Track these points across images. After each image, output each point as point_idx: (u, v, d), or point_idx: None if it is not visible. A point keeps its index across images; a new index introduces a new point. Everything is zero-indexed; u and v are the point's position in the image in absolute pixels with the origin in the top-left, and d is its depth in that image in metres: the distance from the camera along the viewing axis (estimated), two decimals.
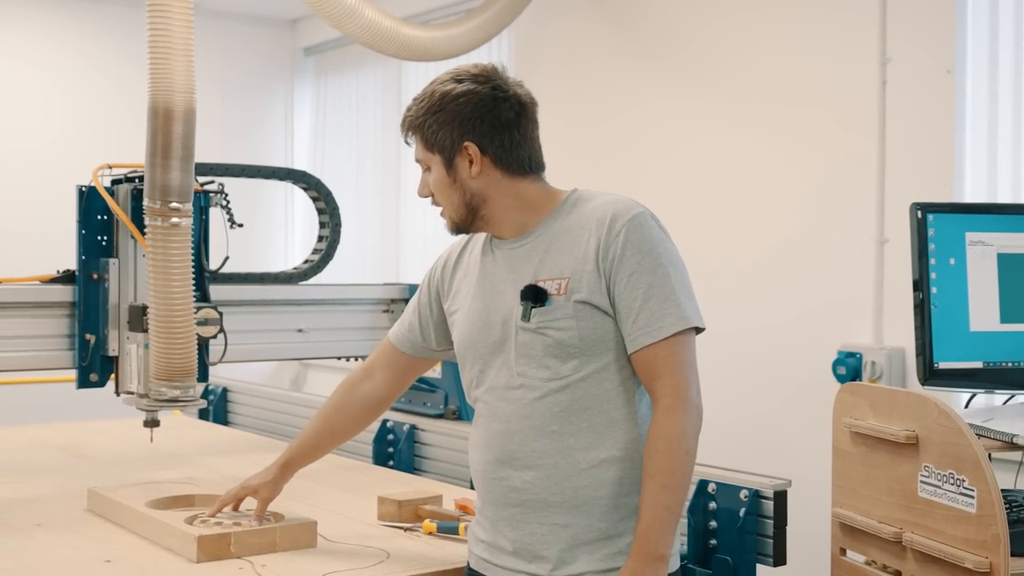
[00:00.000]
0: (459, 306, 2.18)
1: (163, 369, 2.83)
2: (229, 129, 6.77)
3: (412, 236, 6.36)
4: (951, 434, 2.08)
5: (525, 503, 2.02)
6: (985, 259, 2.40)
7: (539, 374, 2.00)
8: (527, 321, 2.00)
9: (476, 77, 2.06)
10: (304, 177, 3.66)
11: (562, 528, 1.99)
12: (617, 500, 2.00)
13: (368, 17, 3.83)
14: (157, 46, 2.70)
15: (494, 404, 2.07)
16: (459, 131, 2.04)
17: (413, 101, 2.10)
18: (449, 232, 2.16)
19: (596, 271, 1.98)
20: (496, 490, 2.06)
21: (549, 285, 2.00)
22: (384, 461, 3.64)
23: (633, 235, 1.97)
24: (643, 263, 1.97)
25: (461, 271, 2.21)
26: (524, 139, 2.08)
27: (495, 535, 2.07)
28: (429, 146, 2.08)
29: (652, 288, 1.96)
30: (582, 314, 1.98)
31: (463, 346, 2.14)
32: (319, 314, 3.66)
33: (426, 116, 2.06)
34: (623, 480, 2.00)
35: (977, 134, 3.58)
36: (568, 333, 1.98)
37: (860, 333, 3.80)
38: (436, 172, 2.09)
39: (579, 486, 1.99)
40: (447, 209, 2.11)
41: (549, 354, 1.99)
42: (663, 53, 4.59)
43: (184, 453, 3.58)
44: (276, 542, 2.35)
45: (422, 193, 2.15)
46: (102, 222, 3.14)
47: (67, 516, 2.69)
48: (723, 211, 4.24)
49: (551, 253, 2.03)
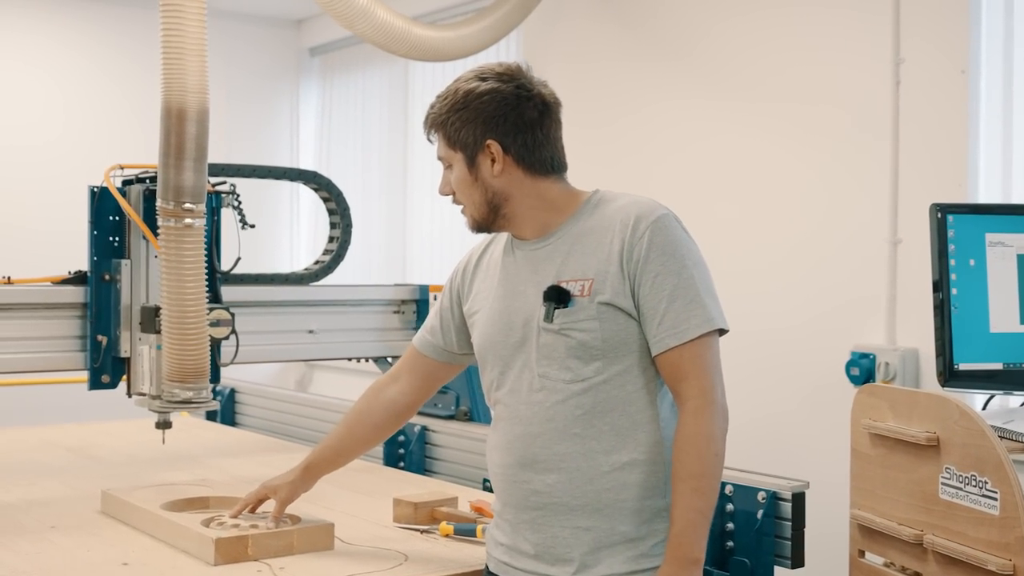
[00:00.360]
0: (479, 307, 2.17)
1: (176, 370, 2.83)
2: (234, 130, 6.75)
3: (419, 237, 6.35)
4: (973, 436, 2.06)
5: (547, 506, 2.01)
6: (1005, 260, 2.39)
7: (561, 376, 1.99)
8: (550, 322, 1.99)
9: (500, 76, 2.05)
10: (315, 178, 3.65)
11: (584, 531, 1.98)
12: (640, 503, 1.99)
13: (379, 17, 3.82)
14: (171, 46, 2.69)
15: (515, 407, 2.05)
16: (482, 129, 2.03)
17: (437, 98, 2.10)
18: (470, 230, 2.15)
19: (620, 273, 1.97)
20: (517, 493, 2.04)
21: (572, 286, 1.99)
22: (395, 462, 3.63)
23: (658, 236, 1.97)
24: (668, 264, 1.96)
25: (481, 273, 2.20)
26: (547, 139, 2.07)
27: (515, 538, 2.06)
28: (451, 144, 2.07)
29: (677, 290, 1.95)
30: (605, 316, 1.97)
31: (483, 347, 2.13)
32: (330, 315, 3.65)
33: (449, 114, 2.05)
34: (646, 483, 1.99)
35: (991, 135, 3.56)
36: (591, 335, 1.97)
37: (873, 334, 3.79)
38: (458, 170, 2.08)
39: (601, 489, 1.98)
40: (468, 207, 2.10)
41: (572, 355, 1.98)
42: (674, 53, 4.58)
43: (194, 454, 3.58)
44: (294, 544, 2.34)
45: (443, 191, 2.14)
46: (114, 223, 3.12)
47: (81, 518, 2.68)
48: (734, 211, 4.23)
49: (574, 254, 2.02)
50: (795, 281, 4.07)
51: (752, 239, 4.17)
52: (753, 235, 4.17)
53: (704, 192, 4.34)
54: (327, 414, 4.06)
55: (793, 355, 4.00)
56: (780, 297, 4.09)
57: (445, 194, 2.14)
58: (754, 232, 4.18)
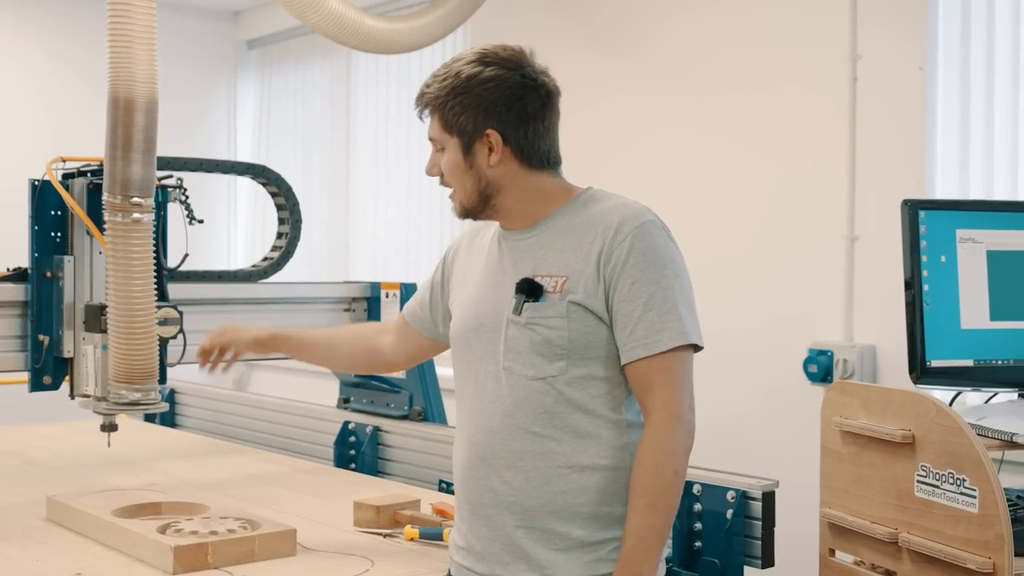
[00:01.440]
0: (459, 293, 2.12)
1: (123, 371, 2.72)
2: (169, 125, 6.45)
3: (362, 234, 6.26)
4: (950, 433, 2.05)
5: (502, 504, 1.95)
6: (975, 256, 2.39)
7: (524, 371, 1.94)
8: (518, 315, 1.94)
9: (505, 61, 1.98)
10: (264, 172, 3.56)
11: (540, 533, 1.93)
12: (599, 509, 1.93)
13: (331, 7, 3.73)
14: (118, 34, 2.60)
15: (479, 399, 2.00)
16: (483, 117, 1.96)
17: (433, 78, 2.01)
18: (456, 216, 2.07)
19: (596, 275, 1.92)
20: (475, 490, 1.99)
21: (546, 281, 1.94)
22: (346, 464, 3.56)
23: (639, 243, 1.92)
24: (646, 272, 1.91)
25: (465, 257, 2.15)
26: (547, 131, 2.02)
27: (470, 538, 2.00)
28: (448, 128, 1.99)
29: (653, 299, 1.90)
30: (574, 315, 1.92)
31: (456, 334, 2.08)
32: (279, 313, 3.57)
33: (448, 96, 1.97)
34: (605, 489, 1.94)
35: (949, 131, 3.58)
36: (557, 332, 1.92)
37: (831, 331, 3.78)
38: (451, 155, 2.00)
39: (559, 491, 1.92)
40: (458, 193, 2.03)
41: (535, 351, 1.93)
42: (625, 47, 4.55)
43: (139, 458, 3.47)
44: (255, 551, 2.27)
45: (431, 172, 2.06)
46: (56, 218, 3.01)
47: (26, 526, 2.57)
48: (687, 208, 4.20)
49: (554, 249, 1.97)
50: (751, 278, 4.06)
51: (705, 235, 4.15)
52: (706, 231, 4.15)
53: (654, 187, 4.31)
54: (269, 414, 3.98)
55: (750, 353, 3.99)
56: (735, 294, 4.08)
57: (432, 176, 2.06)
58: (707, 228, 4.16)
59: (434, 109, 2.00)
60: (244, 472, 3.29)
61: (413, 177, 5.83)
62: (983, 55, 3.53)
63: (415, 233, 5.85)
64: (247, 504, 2.74)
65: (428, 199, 5.74)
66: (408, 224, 5.90)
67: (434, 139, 2.03)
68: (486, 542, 1.97)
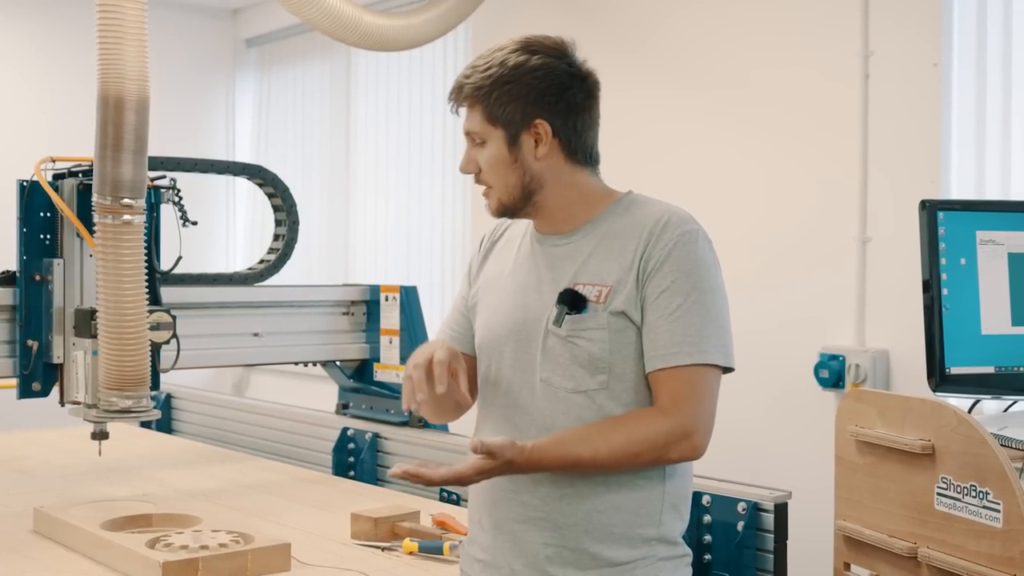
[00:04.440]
0: (485, 295, 2.01)
1: (114, 378, 2.66)
2: (167, 124, 6.45)
3: (363, 236, 6.18)
4: (972, 444, 1.97)
5: (532, 520, 1.86)
6: (996, 259, 2.30)
7: (564, 384, 1.85)
8: (558, 327, 1.85)
9: (550, 50, 1.89)
10: (260, 172, 3.49)
11: (570, 552, 1.84)
12: (630, 530, 1.86)
13: (329, 4, 3.65)
14: (108, 30, 2.54)
15: (511, 410, 1.90)
16: (532, 107, 1.87)
17: (472, 69, 1.91)
18: (492, 214, 1.96)
19: (636, 282, 1.85)
20: (501, 503, 1.89)
21: (589, 291, 1.85)
22: (345, 471, 3.48)
23: (678, 250, 1.85)
24: (679, 282, 1.83)
25: (493, 258, 2.04)
26: (593, 123, 1.95)
27: (496, 554, 1.91)
28: (492, 119, 1.88)
29: (680, 311, 1.82)
30: (616, 327, 1.83)
31: (485, 340, 1.97)
32: (276, 317, 3.50)
33: (494, 86, 1.87)
34: (640, 510, 1.86)
35: (965, 129, 3.49)
36: (599, 345, 1.83)
37: (842, 335, 3.70)
38: (494, 148, 1.89)
39: (594, 510, 1.84)
40: (498, 189, 1.91)
41: (577, 364, 1.84)
42: (628, 43, 4.47)
43: (132, 466, 3.40)
44: (248, 567, 2.18)
45: (467, 169, 1.93)
46: (45, 220, 2.95)
47: (12, 539, 2.50)
48: (695, 207, 4.03)
49: (596, 256, 1.89)
50: (760, 280, 3.97)
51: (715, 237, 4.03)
52: (716, 233, 4.00)
53: (659, 185, 4.18)
54: (268, 420, 3.91)
55: (760, 357, 3.89)
56: (745, 297, 3.98)
57: (468, 172, 1.94)
58: (715, 229, 4.02)
59: (476, 100, 1.89)
60: (240, 481, 3.21)
61: (414, 177, 5.75)
62: (999, 50, 3.44)
63: (416, 234, 5.77)
64: (242, 515, 2.66)
65: (429, 199, 5.66)
66: (409, 225, 5.82)
67: (474, 132, 1.91)
68: (510, 558, 1.89)
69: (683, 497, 1.94)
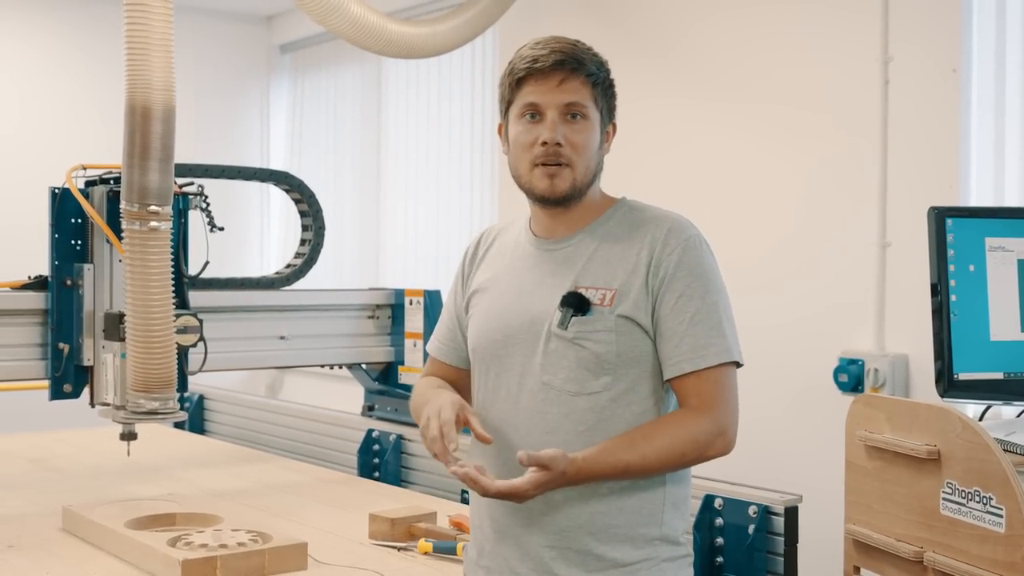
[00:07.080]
0: (480, 300, 2.03)
1: (141, 380, 2.71)
2: (202, 129, 6.61)
3: (393, 240, 6.22)
4: (976, 450, 1.98)
5: (535, 523, 1.89)
6: (1005, 265, 2.30)
7: (567, 387, 1.88)
8: (564, 329, 1.88)
9: None
10: (286, 178, 3.54)
11: (575, 554, 1.88)
12: (634, 531, 1.89)
13: (353, 13, 3.70)
14: (135, 41, 2.58)
15: (511, 414, 1.93)
16: (614, 109, 2.02)
17: (581, 51, 1.94)
18: (558, 193, 1.92)
19: (644, 287, 1.88)
20: (503, 507, 1.92)
21: (593, 294, 1.89)
22: (369, 473, 3.53)
23: (688, 256, 1.89)
24: (694, 287, 1.88)
25: (485, 265, 2.07)
26: None
27: (498, 558, 1.94)
28: (597, 104, 1.95)
29: (699, 314, 1.87)
30: (623, 329, 1.87)
31: (481, 344, 1.99)
32: (302, 320, 3.55)
33: (607, 78, 1.98)
34: (642, 510, 1.89)
35: (984, 135, 3.48)
36: (606, 347, 1.87)
37: (862, 339, 3.70)
38: (592, 131, 1.93)
39: (597, 512, 1.87)
40: (578, 169, 1.92)
41: (582, 367, 1.88)
42: (655, 51, 4.49)
43: (162, 465, 3.46)
44: (265, 565, 2.23)
45: (555, 139, 1.90)
46: (76, 226, 3.02)
47: (41, 536, 2.56)
48: (718, 213, 4.13)
49: (596, 260, 1.92)
50: (781, 285, 3.98)
51: (736, 242, 4.08)
52: (737, 238, 4.08)
53: (686, 192, 4.25)
54: (300, 422, 3.96)
55: (780, 361, 3.90)
56: (766, 301, 4.00)
57: (556, 142, 1.90)
58: (738, 234, 4.09)
59: (596, 84, 1.94)
60: (265, 481, 3.27)
61: (443, 181, 5.80)
62: (1018, 56, 3.42)
63: (445, 238, 5.81)
64: (263, 515, 2.71)
65: (459, 204, 5.70)
66: (438, 229, 5.87)
67: (581, 104, 1.92)
68: (513, 562, 1.92)
69: (684, 497, 1.97)
